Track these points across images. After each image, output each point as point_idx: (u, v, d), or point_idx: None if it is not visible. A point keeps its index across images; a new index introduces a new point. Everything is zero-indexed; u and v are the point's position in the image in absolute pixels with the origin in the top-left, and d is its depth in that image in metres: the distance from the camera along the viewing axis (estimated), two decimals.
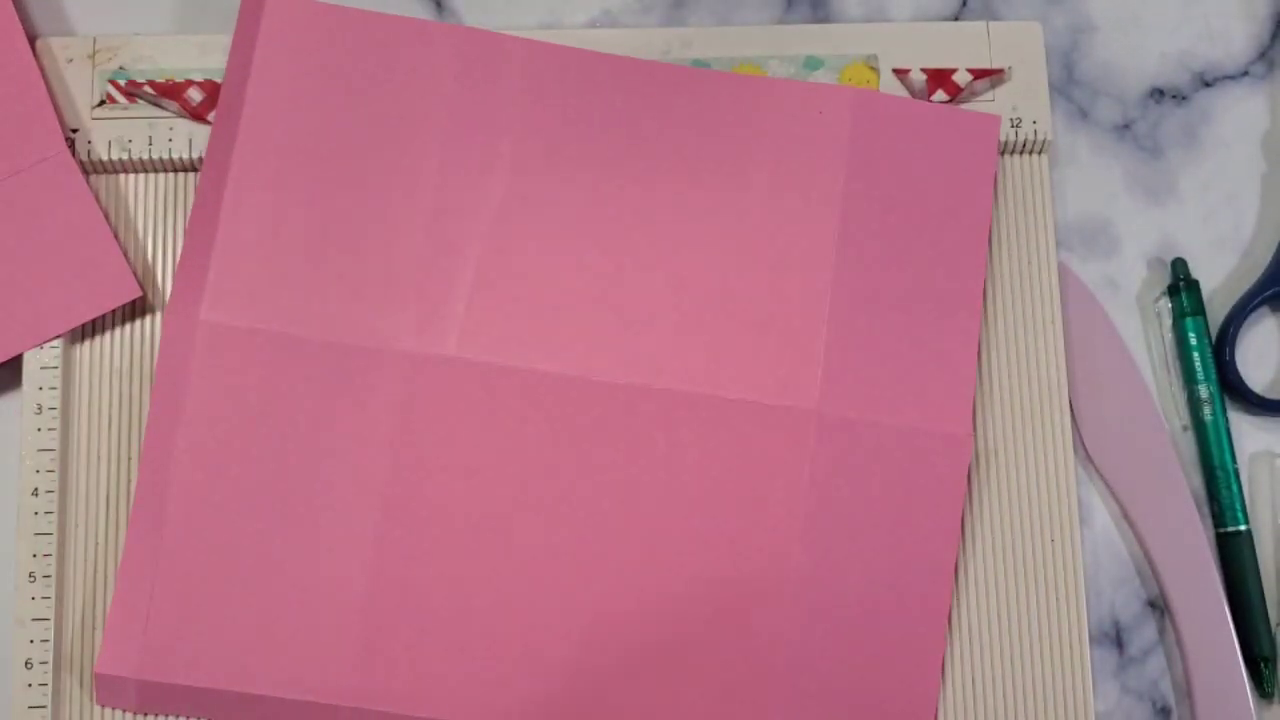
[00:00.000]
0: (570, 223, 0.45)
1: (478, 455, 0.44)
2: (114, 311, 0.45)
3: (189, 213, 0.46)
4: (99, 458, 0.45)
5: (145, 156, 0.46)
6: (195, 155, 0.46)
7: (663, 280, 0.45)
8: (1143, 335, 0.48)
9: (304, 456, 0.43)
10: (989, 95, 0.48)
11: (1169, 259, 0.48)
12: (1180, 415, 0.47)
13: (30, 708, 0.43)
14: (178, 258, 0.46)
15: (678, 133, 0.46)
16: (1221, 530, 0.46)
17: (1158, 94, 0.50)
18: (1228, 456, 0.46)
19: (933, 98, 0.47)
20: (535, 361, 0.44)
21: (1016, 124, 0.47)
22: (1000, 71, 0.48)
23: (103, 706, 0.43)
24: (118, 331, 0.46)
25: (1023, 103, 0.48)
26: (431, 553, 0.43)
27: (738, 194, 0.45)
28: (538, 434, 0.44)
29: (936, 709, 0.44)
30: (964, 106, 0.47)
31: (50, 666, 0.43)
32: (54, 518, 0.44)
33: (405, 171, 0.45)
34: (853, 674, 0.43)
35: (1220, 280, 0.48)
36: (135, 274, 0.45)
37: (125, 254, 0.45)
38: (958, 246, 0.46)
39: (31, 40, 0.47)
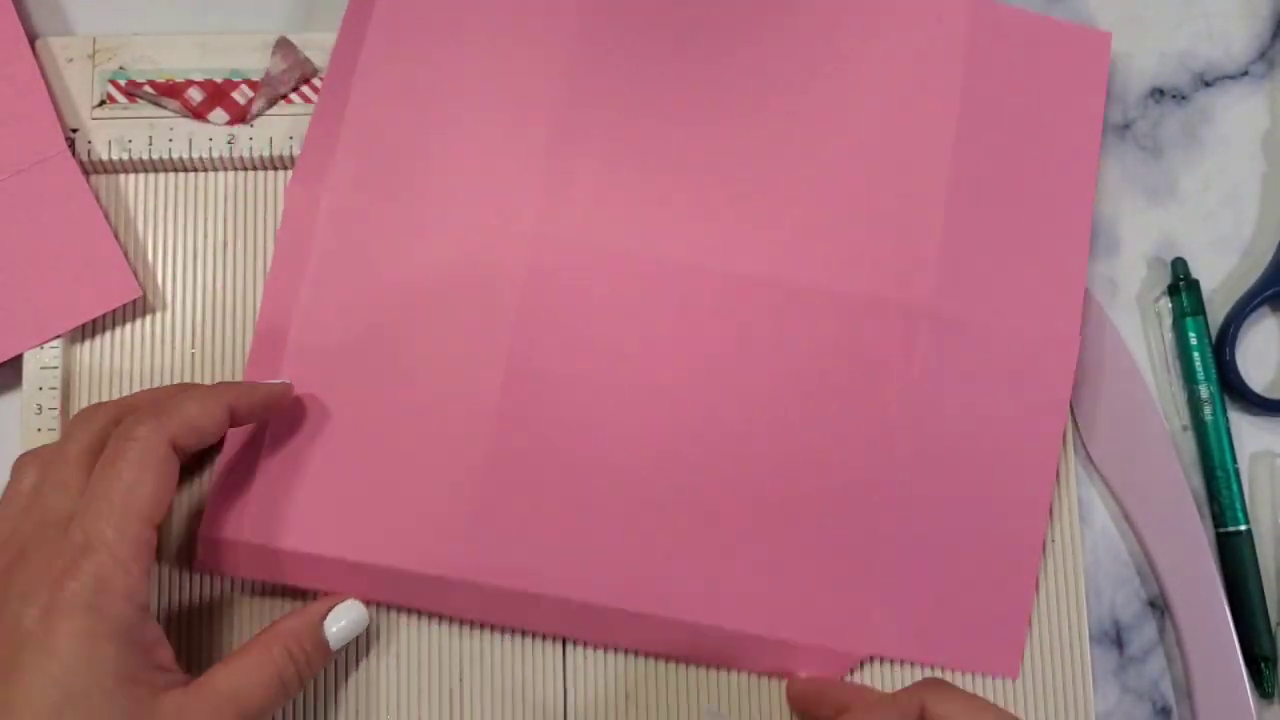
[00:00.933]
0: (694, 118, 0.46)
1: (595, 334, 0.44)
2: (114, 311, 0.45)
3: (313, 113, 0.45)
4: None
5: (145, 156, 0.46)
6: (195, 155, 0.46)
7: (781, 174, 0.46)
8: (1143, 335, 0.48)
9: (425, 327, 0.44)
10: None
11: (1169, 259, 0.48)
12: (1180, 415, 0.47)
13: None
14: (175, 257, 0.46)
15: (795, 37, 0.47)
16: (1221, 530, 0.46)
17: (1158, 94, 0.50)
18: (1228, 456, 0.46)
19: None
20: (653, 248, 0.45)
21: None
22: None
23: (202, 572, 0.43)
24: (118, 331, 0.46)
25: None
26: (549, 429, 0.44)
27: (857, 94, 0.46)
28: (652, 318, 0.45)
29: (1031, 611, 0.44)
30: None
31: None
32: None
33: (529, 62, 0.46)
34: (951, 570, 0.44)
35: (1220, 280, 0.48)
36: (135, 274, 0.45)
37: (125, 254, 0.45)
38: (1070, 153, 0.46)
39: (31, 40, 0.47)
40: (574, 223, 0.45)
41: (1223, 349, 0.47)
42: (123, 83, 0.47)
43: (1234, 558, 0.45)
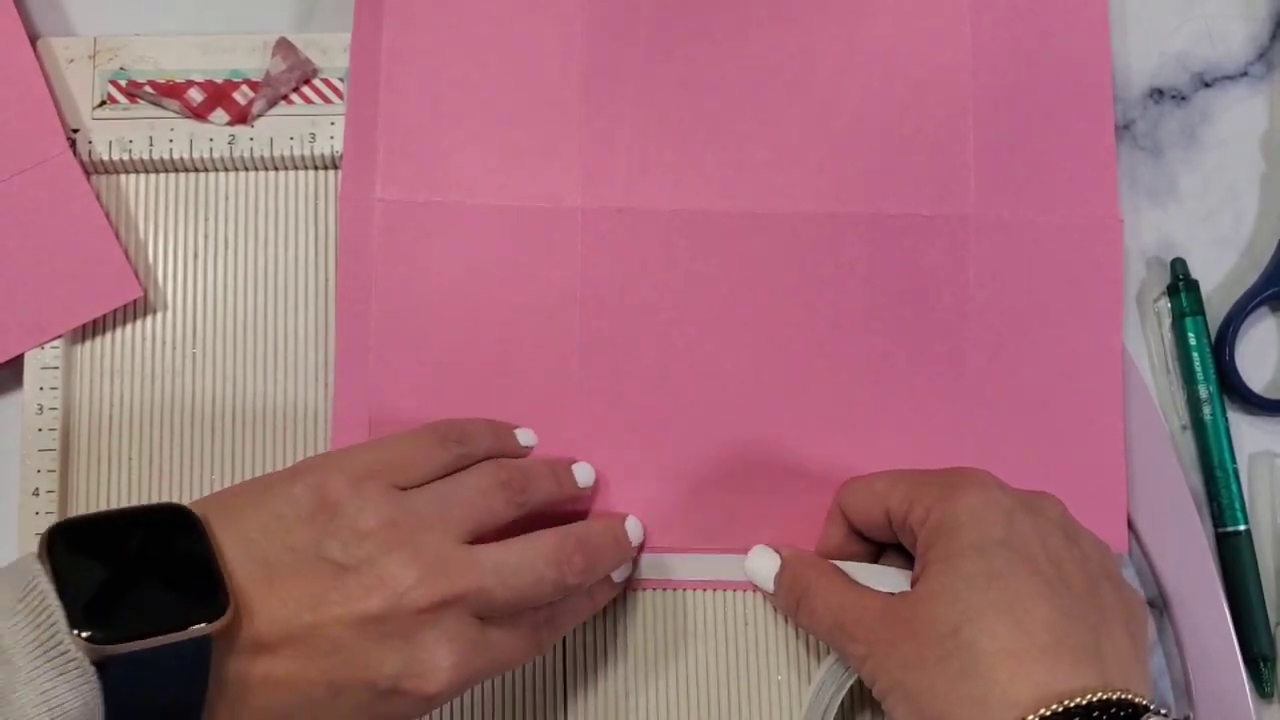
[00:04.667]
0: (712, 69, 0.47)
1: (658, 296, 0.46)
2: (114, 311, 0.45)
3: (346, 120, 0.46)
4: (99, 458, 0.45)
5: (146, 156, 0.46)
6: (196, 155, 0.46)
7: (810, 111, 0.47)
8: (1142, 335, 0.48)
9: (496, 314, 0.45)
10: None
11: (1168, 259, 0.48)
12: (1180, 415, 0.47)
13: None
14: (175, 257, 0.46)
15: None
16: (1221, 530, 0.46)
17: (1157, 94, 0.50)
18: (1227, 456, 0.46)
19: None
20: (698, 202, 0.46)
21: None
22: None
23: None
24: (118, 331, 0.46)
25: None
26: (629, 393, 0.45)
27: (872, 22, 0.47)
28: (710, 271, 0.46)
29: (1126, 485, 0.45)
30: None
31: None
32: (54, 518, 0.44)
33: (553, 35, 0.47)
34: (1040, 461, 0.45)
35: (1220, 280, 0.48)
36: (136, 274, 0.45)
37: (126, 254, 0.45)
38: (1083, 45, 0.47)
39: (32, 40, 0.47)
40: (618, 192, 0.46)
41: (1222, 349, 0.47)
42: (123, 83, 0.47)
43: (1233, 558, 0.45)
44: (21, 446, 0.44)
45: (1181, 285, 0.47)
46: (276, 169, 0.47)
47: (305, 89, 0.47)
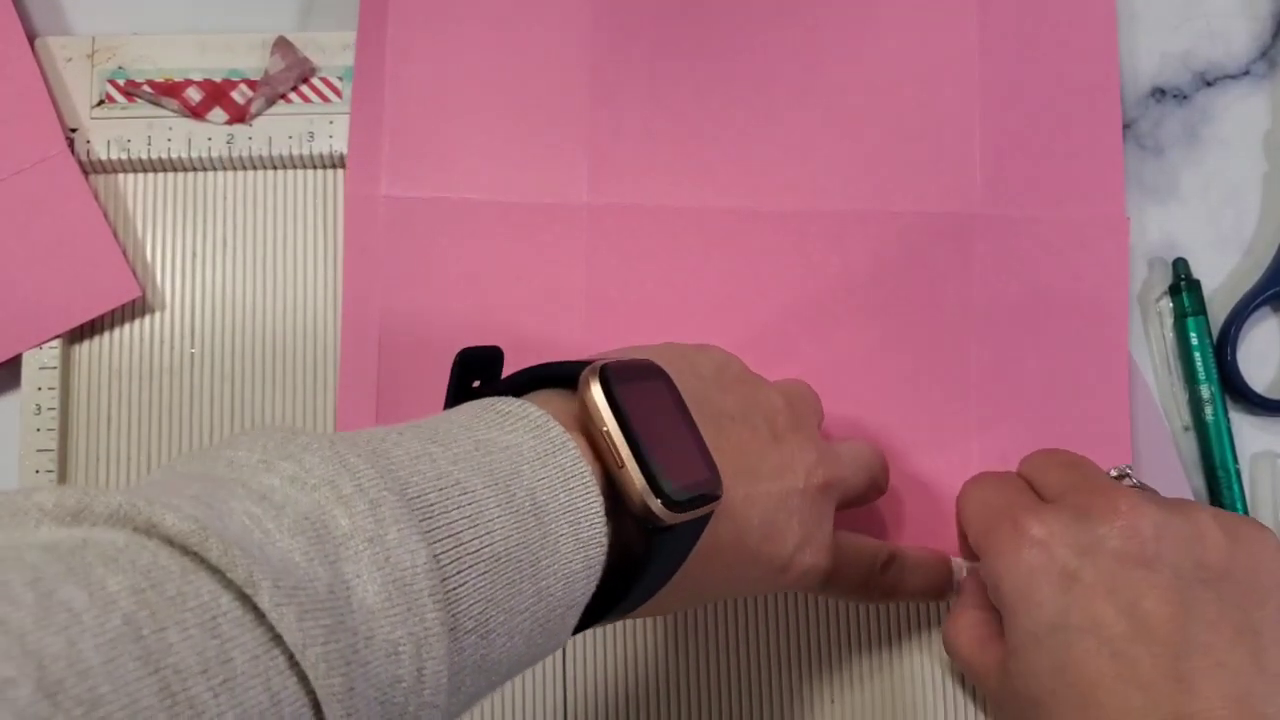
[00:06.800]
0: (719, 67, 0.47)
1: (664, 293, 0.46)
2: (113, 311, 0.45)
3: (351, 116, 0.46)
4: (98, 458, 0.45)
5: (144, 156, 0.46)
6: (194, 155, 0.46)
7: (817, 109, 0.47)
8: (1144, 335, 0.48)
9: (502, 311, 0.45)
10: None
11: (1170, 258, 0.48)
12: (1181, 415, 0.47)
13: None
14: (175, 257, 0.46)
15: None
16: None
17: (1159, 93, 0.50)
18: (1229, 456, 0.46)
19: None
20: (704, 199, 0.46)
21: None
22: None
23: None
24: (117, 331, 0.46)
25: None
26: None
27: (879, 20, 0.47)
28: (715, 268, 0.46)
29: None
30: None
31: None
32: None
33: (559, 29, 0.47)
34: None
35: (1221, 280, 0.48)
36: (135, 274, 0.45)
37: (125, 254, 0.45)
38: (1090, 42, 0.48)
39: (31, 40, 0.47)
40: (624, 189, 0.46)
41: (1224, 349, 0.47)
42: (121, 82, 0.47)
43: None
44: (19, 446, 0.44)
45: (1183, 285, 0.47)
46: (275, 168, 0.47)
47: (304, 88, 0.47)
